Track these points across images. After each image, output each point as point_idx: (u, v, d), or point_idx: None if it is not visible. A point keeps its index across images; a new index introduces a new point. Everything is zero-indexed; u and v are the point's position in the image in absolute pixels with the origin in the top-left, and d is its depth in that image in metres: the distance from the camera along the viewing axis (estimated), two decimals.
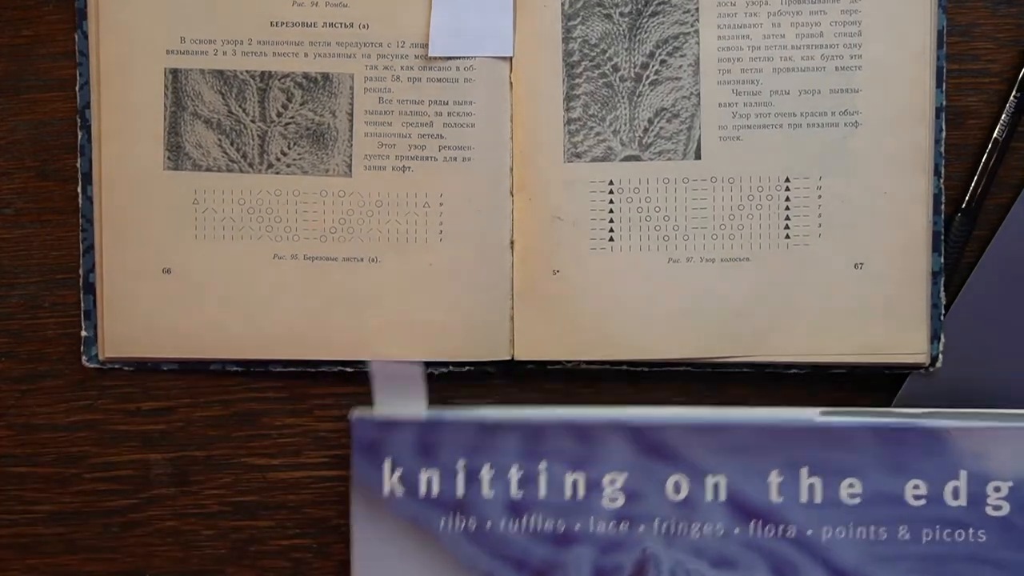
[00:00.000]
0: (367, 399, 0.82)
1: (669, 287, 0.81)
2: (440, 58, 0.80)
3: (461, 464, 0.77)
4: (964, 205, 0.82)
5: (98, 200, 0.82)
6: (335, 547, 0.85)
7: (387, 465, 0.77)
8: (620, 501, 0.76)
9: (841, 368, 0.82)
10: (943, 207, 0.80)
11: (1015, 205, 0.82)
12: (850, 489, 0.75)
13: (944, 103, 0.80)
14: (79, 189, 0.82)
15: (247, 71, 0.81)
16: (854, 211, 0.80)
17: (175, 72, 0.81)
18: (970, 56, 0.82)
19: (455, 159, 0.81)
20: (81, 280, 0.82)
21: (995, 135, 0.82)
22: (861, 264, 0.80)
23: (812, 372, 0.82)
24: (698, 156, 0.80)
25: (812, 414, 0.76)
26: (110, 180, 0.81)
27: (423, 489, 0.77)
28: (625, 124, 0.80)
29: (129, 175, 0.81)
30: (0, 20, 0.83)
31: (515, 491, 0.77)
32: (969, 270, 0.82)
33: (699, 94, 0.80)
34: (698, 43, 0.80)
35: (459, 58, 0.80)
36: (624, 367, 0.82)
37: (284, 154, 0.81)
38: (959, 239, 0.82)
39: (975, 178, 0.82)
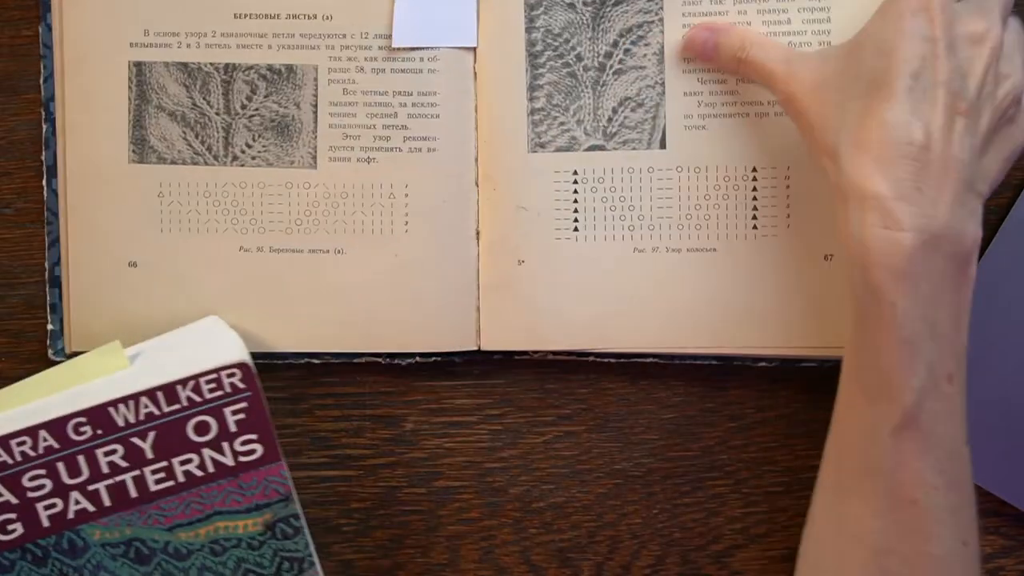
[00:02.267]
0: (368, 400, 0.84)
1: (634, 277, 0.80)
2: (404, 49, 0.80)
3: None
4: None
5: (63, 193, 0.81)
6: (335, 547, 0.85)
7: None
8: None
9: (811, 361, 0.81)
10: None
11: (1015, 205, 0.81)
12: None
13: None
14: (43, 182, 0.82)
15: (211, 63, 0.81)
16: (823, 202, 0.79)
17: (139, 65, 0.81)
18: None
19: (420, 150, 0.80)
20: (47, 273, 0.82)
21: None
22: (831, 256, 0.79)
23: (782, 365, 0.82)
24: (663, 146, 0.80)
25: None
26: (75, 173, 0.81)
27: None
28: (589, 114, 0.80)
29: (94, 168, 0.81)
30: (0, 20, 0.83)
31: None
32: None
33: (663, 83, 0.80)
34: (662, 31, 0.79)
35: (423, 48, 0.80)
36: (591, 358, 0.82)
37: (249, 146, 0.81)
38: None
39: None
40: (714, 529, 0.85)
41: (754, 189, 0.79)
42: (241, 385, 0.75)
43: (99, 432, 0.74)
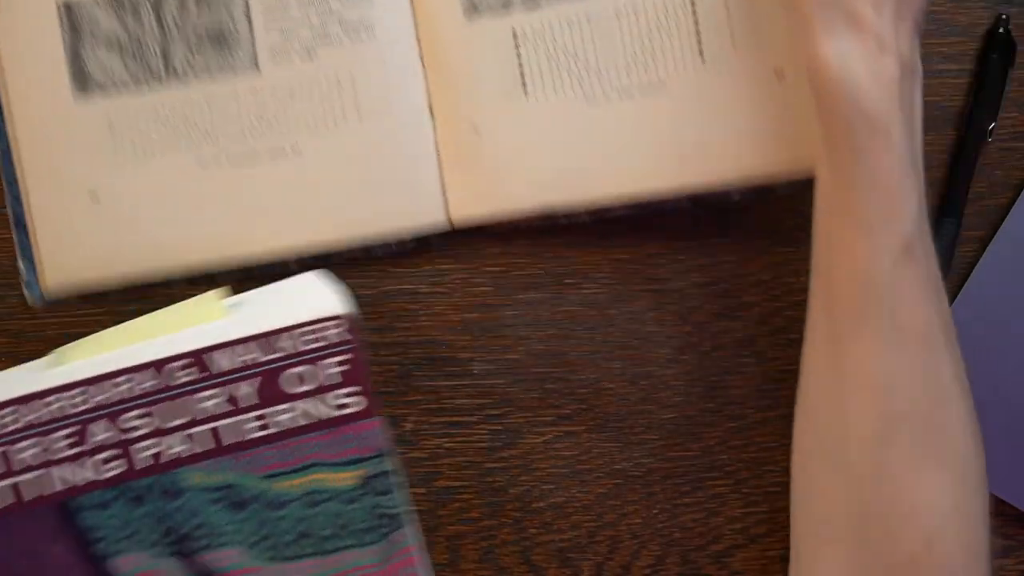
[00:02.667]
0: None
1: (590, 126, 0.80)
2: None
3: None
4: (942, 206, 0.82)
5: (15, 140, 0.82)
6: None
7: None
8: None
9: (783, 187, 0.80)
10: None
11: (1015, 205, 0.82)
12: None
13: None
14: None
15: None
16: (766, 17, 0.78)
17: (68, 6, 0.81)
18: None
19: (359, 36, 0.81)
20: (11, 220, 0.82)
21: (961, 132, 0.83)
22: (782, 72, 0.78)
23: (756, 197, 0.81)
24: None
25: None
26: (23, 119, 0.82)
27: None
28: None
29: (40, 111, 0.82)
30: None
31: None
32: (969, 270, 0.82)
33: None
34: None
35: None
36: (562, 220, 0.82)
37: (189, 63, 0.81)
38: (947, 242, 0.82)
39: (950, 182, 0.83)
40: (714, 529, 0.86)
41: (695, 17, 0.79)
42: (344, 337, 0.75)
43: (199, 377, 0.75)
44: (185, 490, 0.76)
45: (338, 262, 0.83)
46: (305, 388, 0.75)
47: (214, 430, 0.75)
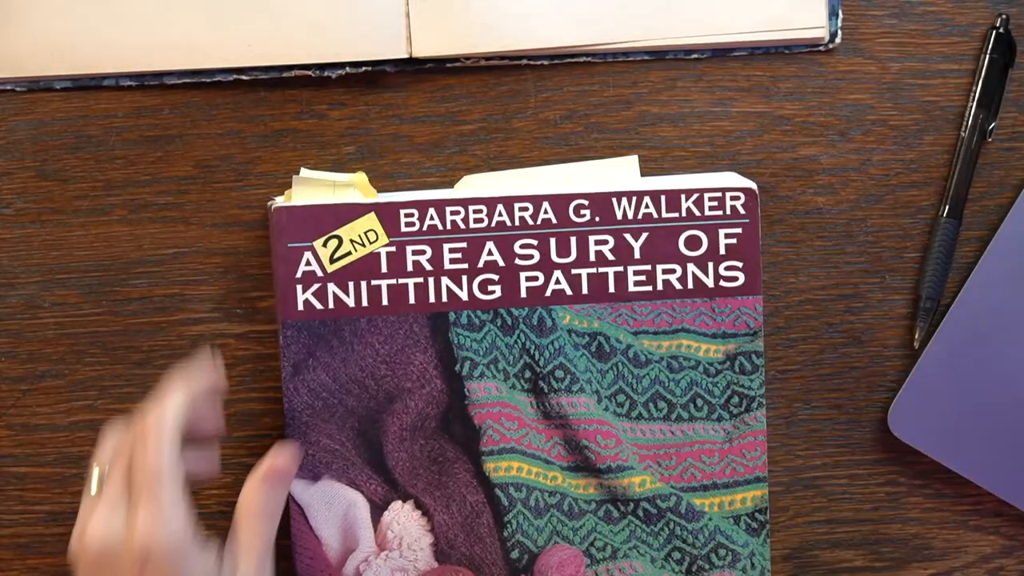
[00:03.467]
0: None
1: None
2: None
3: None
4: (947, 208, 0.82)
5: None
6: None
7: None
8: None
9: (742, 50, 0.81)
10: None
11: (1015, 205, 0.82)
12: None
13: None
14: None
15: None
16: None
17: None
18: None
19: None
20: None
21: (961, 132, 0.83)
22: None
23: (714, 56, 0.82)
24: None
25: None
26: None
27: None
28: None
29: None
30: None
31: None
32: (969, 270, 0.82)
33: None
34: None
35: None
36: (524, 61, 0.82)
37: None
38: (947, 242, 0.82)
39: (950, 182, 0.83)
40: None
41: None
42: (742, 210, 0.77)
43: (597, 219, 0.77)
44: (555, 329, 0.77)
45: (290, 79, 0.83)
46: (695, 252, 0.77)
47: (598, 275, 0.77)
